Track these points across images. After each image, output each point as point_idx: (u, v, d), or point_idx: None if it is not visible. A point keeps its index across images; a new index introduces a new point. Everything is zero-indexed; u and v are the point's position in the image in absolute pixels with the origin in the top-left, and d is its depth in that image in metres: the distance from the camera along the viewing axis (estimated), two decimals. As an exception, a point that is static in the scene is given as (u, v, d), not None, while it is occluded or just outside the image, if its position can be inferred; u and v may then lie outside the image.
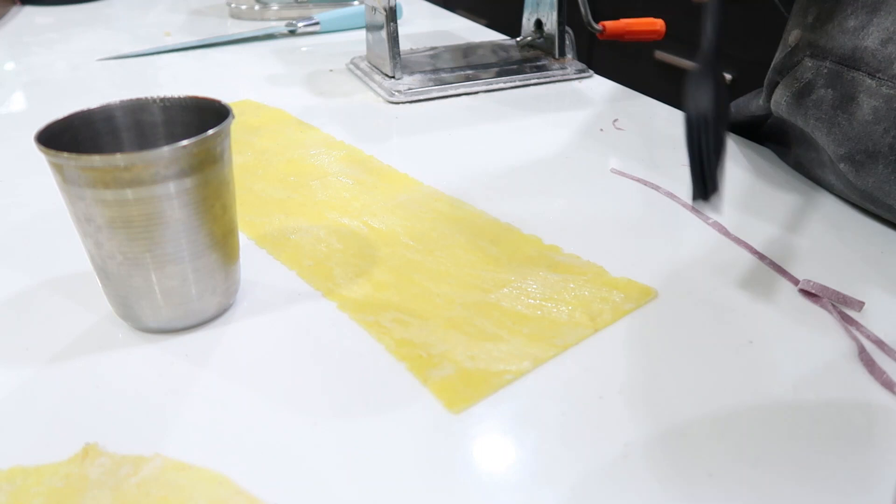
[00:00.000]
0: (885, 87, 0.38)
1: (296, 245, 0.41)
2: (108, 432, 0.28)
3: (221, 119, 0.32)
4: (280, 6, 0.97)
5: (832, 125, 0.41)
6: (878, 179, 0.39)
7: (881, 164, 0.39)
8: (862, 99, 0.39)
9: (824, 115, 0.41)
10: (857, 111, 0.39)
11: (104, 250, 0.31)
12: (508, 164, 0.52)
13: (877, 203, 0.41)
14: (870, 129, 0.39)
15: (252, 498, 0.25)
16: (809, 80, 0.42)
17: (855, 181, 0.41)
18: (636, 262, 0.39)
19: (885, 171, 0.39)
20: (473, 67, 0.69)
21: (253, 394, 0.30)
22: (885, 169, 0.39)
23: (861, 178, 0.40)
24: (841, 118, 0.40)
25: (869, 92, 0.39)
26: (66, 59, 0.81)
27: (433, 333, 0.33)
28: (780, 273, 0.38)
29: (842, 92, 0.40)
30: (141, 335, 0.34)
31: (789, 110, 0.44)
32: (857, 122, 0.39)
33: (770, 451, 0.27)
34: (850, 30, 0.39)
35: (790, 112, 0.44)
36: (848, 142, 0.40)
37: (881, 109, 0.38)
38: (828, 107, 0.41)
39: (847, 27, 0.39)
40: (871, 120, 0.39)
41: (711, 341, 0.33)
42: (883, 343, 0.32)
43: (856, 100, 0.39)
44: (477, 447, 0.27)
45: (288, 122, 0.60)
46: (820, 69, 0.41)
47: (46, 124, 0.31)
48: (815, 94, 0.41)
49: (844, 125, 0.40)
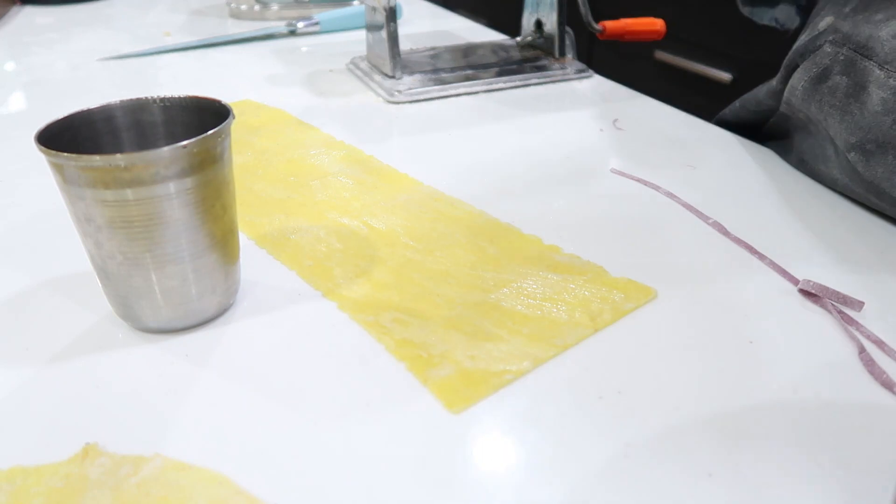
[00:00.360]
0: (893, 80, 0.38)
1: (296, 245, 0.41)
2: (108, 432, 0.28)
3: (221, 119, 0.32)
4: (280, 6, 0.97)
5: (845, 113, 0.41)
6: (886, 170, 0.40)
7: (890, 155, 0.39)
8: (872, 89, 0.39)
9: (838, 102, 0.41)
10: (868, 101, 0.39)
11: (104, 250, 0.31)
12: (508, 165, 0.52)
13: (882, 196, 0.41)
14: (879, 119, 0.39)
15: (252, 498, 0.25)
16: (827, 66, 0.42)
17: (864, 172, 0.41)
18: (636, 262, 0.39)
19: (894, 161, 0.39)
20: (473, 67, 0.69)
21: (253, 394, 0.30)
22: (895, 160, 0.39)
23: (870, 169, 0.40)
24: (853, 106, 0.40)
25: (878, 83, 0.39)
26: (66, 59, 0.81)
27: (433, 333, 0.33)
28: (780, 273, 0.38)
29: (855, 80, 0.40)
30: (141, 335, 0.34)
31: (804, 96, 0.44)
32: (867, 111, 0.40)
33: (770, 451, 0.27)
34: (874, 21, 0.40)
35: (805, 98, 0.44)
36: (859, 131, 0.41)
37: (889, 101, 0.38)
38: (842, 94, 0.41)
39: (874, 19, 0.40)
40: (880, 111, 0.39)
41: (711, 341, 0.33)
42: (883, 343, 0.32)
43: (867, 89, 0.39)
44: (477, 447, 0.27)
45: (288, 122, 0.60)
46: (837, 55, 0.41)
47: (46, 124, 0.31)
48: (832, 80, 0.42)
49: (856, 114, 0.40)
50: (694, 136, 0.57)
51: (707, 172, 0.50)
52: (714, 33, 1.17)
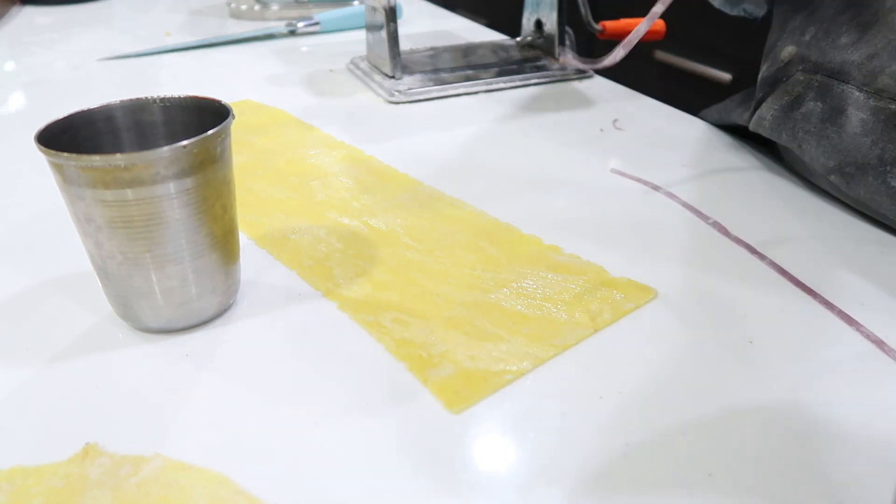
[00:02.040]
0: (873, 100, 0.38)
1: (296, 245, 0.41)
2: (108, 432, 0.28)
3: (221, 119, 0.32)
4: (280, 6, 0.97)
5: (821, 138, 0.41)
6: (868, 190, 0.40)
7: (871, 176, 0.39)
8: (850, 111, 0.39)
9: (813, 128, 0.42)
10: (846, 123, 0.40)
11: (104, 250, 0.31)
12: (508, 164, 0.52)
13: (870, 210, 0.42)
14: (858, 141, 0.39)
15: (252, 498, 0.25)
16: (800, 93, 0.42)
17: (847, 192, 0.41)
18: (636, 262, 0.39)
19: (874, 182, 0.39)
20: (473, 67, 0.69)
21: (253, 394, 0.30)
22: (875, 180, 0.39)
23: (852, 190, 0.41)
24: (830, 131, 0.41)
25: (857, 104, 0.39)
26: (66, 59, 0.81)
27: (433, 333, 0.33)
28: (780, 273, 0.38)
29: (831, 104, 0.41)
30: (141, 335, 0.34)
31: (774, 125, 0.44)
32: (846, 134, 0.40)
33: (770, 451, 0.27)
34: (842, 46, 0.40)
35: (774, 127, 0.45)
36: (837, 154, 0.41)
37: (869, 122, 0.38)
38: (817, 120, 0.41)
39: (840, 43, 0.40)
40: (859, 132, 0.39)
41: (711, 341, 0.33)
42: (883, 343, 0.32)
43: (845, 112, 0.40)
44: (477, 447, 0.27)
45: (288, 122, 0.60)
46: (811, 82, 0.41)
47: (46, 124, 0.31)
48: (805, 106, 0.42)
49: (834, 137, 0.41)
50: (694, 136, 0.57)
51: (707, 172, 0.50)
52: (714, 33, 1.16)
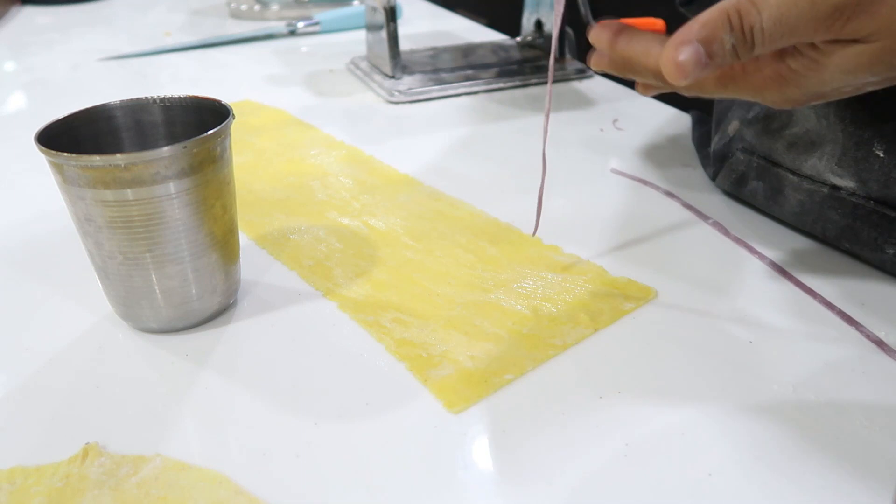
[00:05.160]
0: (806, 183, 0.39)
1: (296, 245, 0.41)
2: (108, 432, 0.28)
3: (221, 119, 0.32)
4: (280, 6, 0.97)
5: (771, 213, 0.42)
6: (822, 258, 0.40)
7: (822, 247, 0.40)
8: (788, 192, 0.40)
9: (759, 204, 0.43)
10: (786, 203, 0.41)
11: (104, 250, 0.31)
12: (508, 164, 0.52)
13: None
14: (800, 220, 0.40)
15: (252, 498, 0.25)
16: (743, 172, 0.43)
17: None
18: (636, 262, 0.39)
19: (827, 251, 0.40)
20: (473, 67, 0.69)
21: (253, 394, 0.30)
22: (828, 251, 0.40)
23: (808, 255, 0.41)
24: (774, 209, 0.42)
25: (793, 186, 0.40)
26: (66, 59, 0.81)
27: (433, 333, 0.33)
28: (780, 273, 0.38)
29: (771, 185, 0.42)
30: (141, 335, 0.34)
31: (732, 191, 0.45)
32: (788, 213, 0.41)
33: (770, 451, 0.27)
34: (772, 131, 0.41)
35: (732, 193, 0.46)
36: (789, 223, 0.42)
37: (806, 203, 0.39)
38: (762, 197, 0.42)
39: (771, 128, 0.41)
40: (798, 212, 0.40)
41: (711, 341, 0.33)
42: (883, 343, 0.32)
43: (783, 192, 0.41)
44: (477, 447, 0.27)
45: (288, 122, 0.60)
46: (751, 162, 0.43)
47: (46, 124, 0.31)
48: (749, 185, 0.43)
49: (778, 214, 0.42)
50: (694, 136, 0.57)
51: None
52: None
